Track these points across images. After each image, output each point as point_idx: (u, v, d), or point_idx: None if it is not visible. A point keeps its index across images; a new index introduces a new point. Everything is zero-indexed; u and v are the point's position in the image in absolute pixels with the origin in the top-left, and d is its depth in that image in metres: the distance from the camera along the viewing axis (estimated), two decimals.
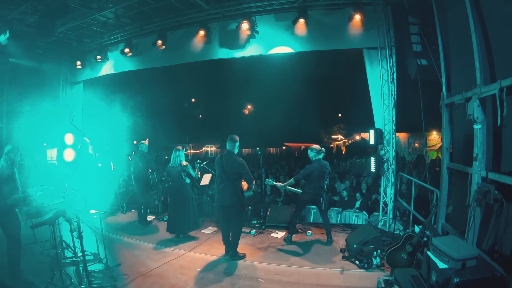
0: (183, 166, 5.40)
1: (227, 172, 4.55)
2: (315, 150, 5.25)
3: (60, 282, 3.40)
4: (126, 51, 8.27)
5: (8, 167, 3.72)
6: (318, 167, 5.14)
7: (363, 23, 6.18)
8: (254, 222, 6.10)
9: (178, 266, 4.38)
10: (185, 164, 5.42)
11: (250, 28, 6.83)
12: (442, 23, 4.75)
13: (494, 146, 3.39)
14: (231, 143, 4.68)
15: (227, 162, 4.58)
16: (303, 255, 4.85)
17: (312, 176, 5.12)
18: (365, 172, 9.62)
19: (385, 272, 4.11)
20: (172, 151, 5.63)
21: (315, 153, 5.23)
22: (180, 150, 5.54)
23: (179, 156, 5.45)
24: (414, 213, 5.27)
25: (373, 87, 6.34)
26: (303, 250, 5.01)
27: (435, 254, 2.90)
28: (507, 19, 3.08)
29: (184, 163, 5.42)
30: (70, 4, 6.49)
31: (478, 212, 3.34)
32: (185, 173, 5.42)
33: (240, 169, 4.52)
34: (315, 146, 5.34)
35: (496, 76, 3.28)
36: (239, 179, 4.61)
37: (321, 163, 5.20)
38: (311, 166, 5.17)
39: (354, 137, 29.95)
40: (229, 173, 4.54)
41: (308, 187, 5.21)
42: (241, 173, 4.54)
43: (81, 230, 3.57)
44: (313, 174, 5.11)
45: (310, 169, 5.13)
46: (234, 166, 4.54)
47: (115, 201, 7.52)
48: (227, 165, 4.57)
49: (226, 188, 4.56)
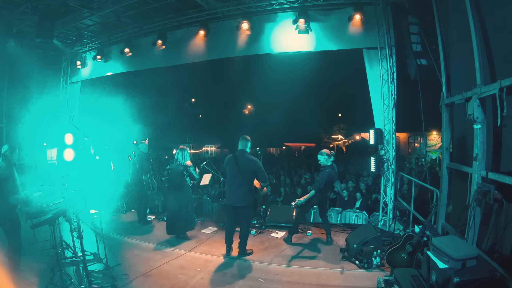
0: (186, 166, 5.36)
1: (243, 172, 4.53)
2: (325, 154, 5.20)
3: (60, 282, 3.40)
4: (126, 51, 8.27)
5: (7, 167, 3.71)
6: (332, 171, 5.16)
7: (363, 23, 6.18)
8: (254, 222, 6.10)
9: (178, 266, 4.38)
10: (190, 164, 5.39)
11: (250, 28, 6.83)
12: (442, 23, 4.75)
13: (494, 146, 3.39)
14: (243, 142, 4.70)
15: (243, 161, 4.57)
16: (303, 255, 4.85)
17: (329, 181, 5.16)
18: (365, 172, 9.62)
19: (385, 272, 4.11)
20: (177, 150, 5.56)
21: (325, 157, 5.19)
22: (185, 150, 5.51)
23: (183, 155, 5.43)
24: (414, 213, 5.27)
25: (373, 87, 6.34)
26: (303, 250, 5.01)
27: (435, 254, 2.89)
28: (507, 19, 3.08)
29: (189, 163, 5.38)
30: (70, 4, 6.49)
31: (478, 212, 3.34)
32: (188, 173, 5.38)
33: (256, 168, 4.55)
34: (324, 150, 5.29)
35: (496, 76, 3.28)
36: (253, 178, 4.61)
37: (333, 166, 5.23)
38: (326, 173, 5.13)
39: (354, 137, 29.94)
40: (245, 173, 4.53)
41: (324, 190, 5.21)
42: (257, 171, 4.55)
43: (81, 230, 3.57)
44: (329, 180, 5.15)
45: (328, 176, 5.11)
46: (250, 164, 4.55)
47: (115, 201, 7.52)
48: (242, 164, 4.55)
49: (241, 188, 4.54)
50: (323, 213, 5.44)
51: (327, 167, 5.16)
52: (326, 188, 5.23)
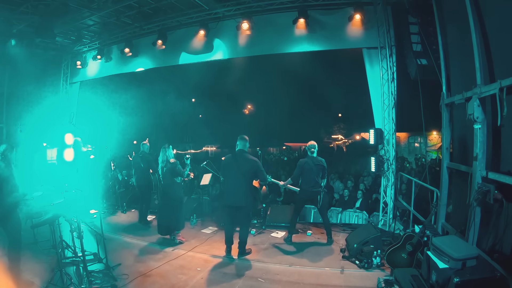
0: (171, 163, 5.14)
1: (243, 172, 4.53)
2: (306, 148, 5.40)
3: (60, 282, 3.40)
4: (126, 50, 8.27)
5: (6, 167, 3.71)
6: (310, 162, 5.17)
7: (363, 23, 6.19)
8: (254, 222, 6.10)
9: (178, 266, 4.38)
10: (173, 161, 5.16)
11: (250, 28, 6.83)
12: (442, 23, 4.75)
13: (493, 145, 3.39)
14: (242, 142, 4.71)
15: (242, 161, 4.57)
16: (303, 255, 4.85)
17: (305, 171, 5.13)
18: (365, 172, 9.63)
19: (385, 272, 4.11)
20: None
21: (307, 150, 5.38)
22: (167, 148, 5.25)
23: (165, 154, 5.20)
24: (414, 213, 5.27)
25: (373, 86, 6.35)
26: (303, 250, 5.01)
27: (435, 254, 2.89)
28: (506, 19, 3.08)
29: (172, 161, 5.16)
30: (70, 4, 6.49)
31: (478, 211, 3.34)
32: (174, 171, 5.12)
33: (256, 167, 4.55)
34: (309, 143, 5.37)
35: (496, 76, 3.28)
36: (252, 178, 4.61)
37: (315, 159, 5.23)
38: (301, 160, 5.21)
39: (354, 137, 29.92)
40: (244, 173, 4.53)
41: (303, 183, 5.22)
42: (257, 171, 4.56)
43: (81, 230, 3.57)
44: (305, 169, 5.13)
45: (301, 164, 5.16)
46: (250, 164, 4.55)
47: (115, 201, 7.53)
48: (242, 164, 4.55)
49: (241, 188, 4.53)
50: (322, 212, 5.44)
51: (306, 157, 5.24)
52: (307, 179, 5.14)
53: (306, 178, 5.16)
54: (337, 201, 7.86)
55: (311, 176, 5.15)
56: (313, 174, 5.15)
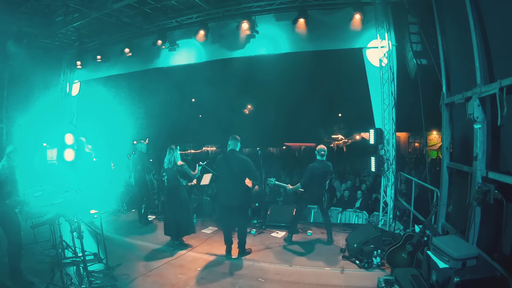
0: (178, 166, 5.08)
1: (235, 171, 4.53)
2: (316, 151, 5.37)
3: (61, 282, 3.40)
4: (126, 51, 8.27)
5: (9, 168, 3.72)
6: (319, 166, 5.17)
7: (363, 23, 6.18)
8: (254, 222, 6.10)
9: (178, 266, 4.38)
10: (181, 163, 5.10)
11: (250, 28, 6.83)
12: (442, 23, 4.75)
13: (493, 145, 3.39)
14: (234, 142, 4.70)
15: (234, 161, 4.57)
16: (304, 254, 4.85)
17: (315, 175, 5.14)
18: (365, 172, 9.62)
19: (385, 271, 4.11)
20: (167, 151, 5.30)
21: (315, 152, 5.36)
22: (174, 149, 5.21)
23: (173, 155, 5.16)
24: (414, 213, 5.27)
25: (373, 86, 6.35)
26: (304, 250, 5.01)
27: (435, 254, 2.89)
28: (506, 19, 3.08)
29: (180, 163, 5.11)
30: (70, 4, 6.49)
31: (478, 211, 3.34)
32: (181, 173, 5.09)
33: (247, 167, 4.55)
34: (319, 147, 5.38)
35: (496, 76, 3.28)
36: (245, 177, 4.61)
37: (324, 163, 5.23)
38: (311, 165, 5.20)
39: (354, 137, 29.91)
40: (236, 172, 4.53)
41: (311, 186, 5.22)
42: (248, 170, 4.56)
43: (81, 230, 3.57)
44: (315, 174, 5.14)
45: (312, 169, 5.16)
46: (241, 164, 4.55)
47: (115, 201, 7.52)
48: (234, 164, 4.55)
49: (235, 188, 4.54)
50: (323, 212, 5.44)
51: (316, 162, 5.23)
52: (316, 183, 5.18)
53: (314, 182, 5.19)
54: (337, 201, 7.86)
55: (319, 180, 5.20)
56: (321, 178, 5.21)
